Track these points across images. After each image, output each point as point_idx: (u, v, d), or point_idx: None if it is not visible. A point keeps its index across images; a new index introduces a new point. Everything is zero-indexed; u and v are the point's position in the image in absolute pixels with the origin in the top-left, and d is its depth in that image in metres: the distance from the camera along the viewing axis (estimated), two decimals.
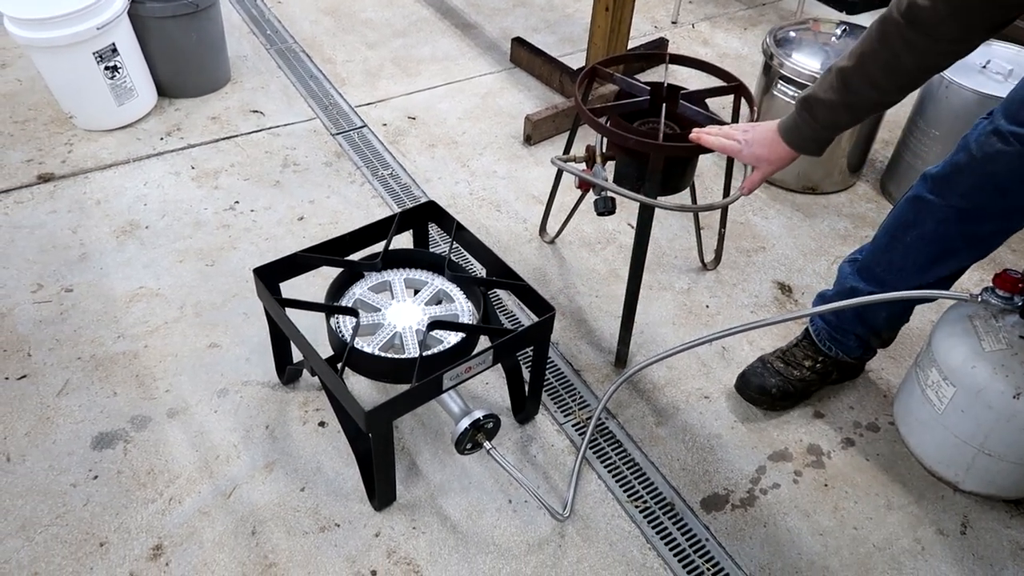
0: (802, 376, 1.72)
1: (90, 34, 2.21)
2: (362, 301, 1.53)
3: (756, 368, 1.75)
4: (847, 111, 1.28)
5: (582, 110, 1.60)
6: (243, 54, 2.84)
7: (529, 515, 1.51)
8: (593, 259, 2.10)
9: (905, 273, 1.54)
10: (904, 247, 1.52)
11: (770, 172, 1.42)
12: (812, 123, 1.31)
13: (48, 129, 2.42)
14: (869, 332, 1.68)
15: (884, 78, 1.21)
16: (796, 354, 1.74)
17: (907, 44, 1.14)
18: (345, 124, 2.54)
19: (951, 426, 1.52)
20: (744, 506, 1.56)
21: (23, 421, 1.62)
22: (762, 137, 1.39)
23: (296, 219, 2.16)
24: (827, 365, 1.73)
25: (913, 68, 1.18)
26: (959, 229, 1.45)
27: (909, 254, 1.52)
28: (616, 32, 2.44)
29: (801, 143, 1.35)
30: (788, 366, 1.73)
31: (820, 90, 1.29)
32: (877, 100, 1.26)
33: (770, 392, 1.71)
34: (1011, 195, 1.37)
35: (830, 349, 1.72)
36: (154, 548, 1.42)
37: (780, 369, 1.73)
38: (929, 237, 1.48)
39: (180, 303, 1.89)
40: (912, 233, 1.50)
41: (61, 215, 2.12)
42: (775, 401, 1.72)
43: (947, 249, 1.49)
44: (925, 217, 1.48)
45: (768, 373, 1.73)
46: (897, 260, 1.55)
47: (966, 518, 1.56)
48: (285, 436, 1.62)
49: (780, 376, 1.72)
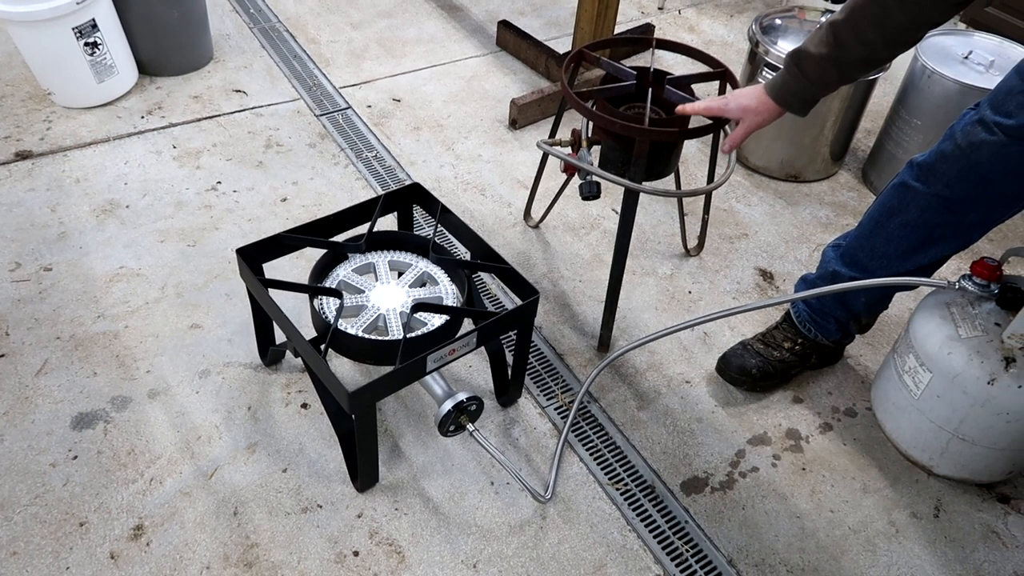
0: (782, 357, 1.74)
1: (69, 9, 2.17)
2: (346, 283, 1.53)
3: (737, 350, 1.77)
4: (835, 67, 1.29)
5: (568, 93, 1.60)
6: (226, 32, 2.80)
7: (511, 497, 1.52)
8: (577, 244, 2.11)
9: (887, 260, 1.56)
10: (887, 233, 1.54)
11: (755, 125, 1.43)
12: (800, 78, 1.32)
13: (26, 106, 2.38)
14: (849, 316, 1.70)
15: (873, 32, 1.22)
16: (776, 336, 1.77)
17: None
18: (329, 105, 2.52)
19: (927, 411, 1.55)
20: (723, 489, 1.58)
21: (2, 401, 1.60)
22: (748, 91, 1.41)
23: (279, 200, 2.15)
24: (806, 347, 1.75)
25: (905, 22, 1.19)
26: (943, 218, 1.47)
27: (892, 240, 1.54)
28: (603, 17, 2.43)
29: (788, 99, 1.36)
30: (768, 347, 1.75)
31: (811, 44, 1.29)
32: (866, 56, 1.27)
33: (750, 372, 1.73)
34: (994, 185, 1.39)
35: (809, 331, 1.74)
36: (135, 528, 1.42)
37: (760, 350, 1.75)
38: (913, 224, 1.50)
39: (161, 283, 1.88)
40: (896, 220, 1.52)
41: (39, 193, 2.09)
42: (755, 382, 1.74)
43: (929, 237, 1.50)
44: (909, 204, 1.49)
45: (748, 354, 1.75)
46: (880, 246, 1.56)
47: (939, 501, 1.59)
48: (267, 417, 1.62)
49: (760, 357, 1.74)
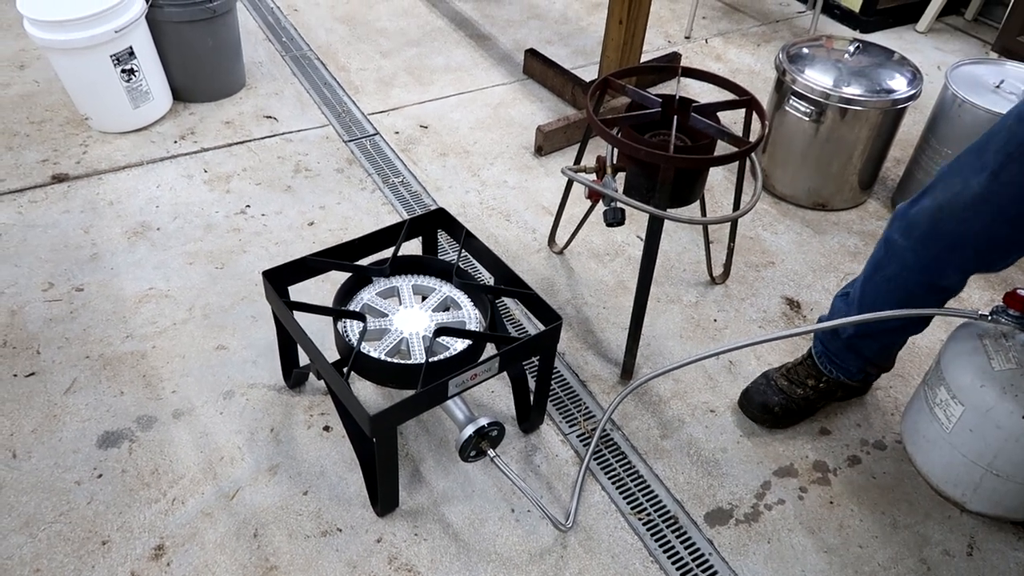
0: (805, 395, 1.71)
1: (108, 37, 2.23)
2: (370, 306, 1.53)
3: (759, 385, 1.74)
4: None
5: (593, 120, 1.60)
6: (258, 60, 2.86)
7: (532, 525, 1.51)
8: (601, 270, 2.10)
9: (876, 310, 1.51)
10: (875, 287, 1.53)
11: None
12: None
13: (64, 130, 2.45)
14: (864, 362, 1.67)
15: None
16: (800, 372, 1.73)
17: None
18: (357, 131, 2.55)
19: (959, 445, 1.51)
20: (748, 521, 1.55)
21: (30, 418, 1.62)
22: None
23: (306, 224, 2.17)
24: (830, 384, 1.72)
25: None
26: (919, 275, 1.45)
27: (879, 295, 1.52)
28: (629, 45, 2.45)
29: None
30: (791, 384, 1.72)
31: None
32: None
33: (772, 410, 1.70)
34: (968, 248, 1.37)
35: (831, 372, 1.71)
36: (156, 548, 1.42)
37: (783, 387, 1.71)
38: (895, 280, 1.48)
39: (189, 305, 1.90)
40: (881, 274, 1.51)
41: (74, 215, 2.14)
42: (777, 419, 1.71)
43: (911, 296, 1.48)
44: (891, 259, 1.48)
45: (771, 391, 1.71)
46: (869, 299, 1.55)
47: (973, 539, 1.55)
48: (289, 440, 1.62)
49: (783, 395, 1.70)
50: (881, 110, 2.14)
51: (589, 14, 3.34)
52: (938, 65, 3.17)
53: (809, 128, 2.23)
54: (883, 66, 2.21)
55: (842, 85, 2.14)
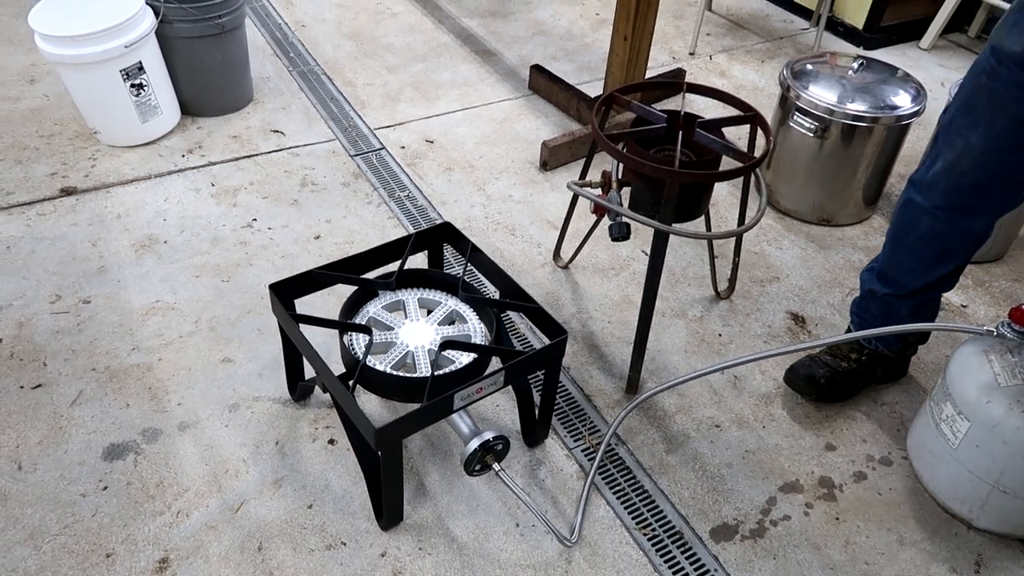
0: (849, 368, 1.77)
1: (118, 52, 2.25)
2: (375, 319, 1.54)
3: (804, 361, 1.80)
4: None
5: (598, 135, 1.61)
6: (266, 75, 2.89)
7: (536, 539, 1.50)
8: (606, 285, 2.10)
9: (916, 273, 1.64)
10: (911, 249, 1.62)
11: None
12: None
13: (73, 144, 2.46)
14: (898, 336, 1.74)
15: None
16: (842, 348, 1.80)
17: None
18: (364, 146, 2.57)
19: (965, 461, 1.50)
20: (754, 537, 1.54)
21: (36, 430, 1.63)
22: None
23: (312, 238, 2.18)
24: (871, 358, 1.79)
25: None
26: (950, 228, 1.55)
27: (916, 254, 1.62)
28: (634, 62, 2.47)
29: None
30: (835, 358, 1.78)
31: None
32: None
33: (818, 382, 1.75)
34: (987, 191, 1.49)
35: (869, 342, 1.78)
36: (160, 561, 1.42)
37: (828, 361, 1.78)
38: (928, 236, 1.58)
39: (195, 317, 1.91)
40: (913, 235, 1.60)
41: (82, 228, 2.15)
42: (823, 392, 1.76)
43: (945, 248, 1.59)
44: (919, 219, 1.57)
45: (816, 365, 1.77)
46: (907, 261, 1.64)
47: (980, 556, 1.54)
48: (294, 453, 1.62)
49: (828, 367, 1.77)
50: (885, 126, 2.15)
51: (594, 30, 3.37)
52: (942, 82, 3.18)
53: (813, 144, 2.24)
54: (887, 83, 2.22)
55: (846, 101, 2.15)
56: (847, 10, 3.45)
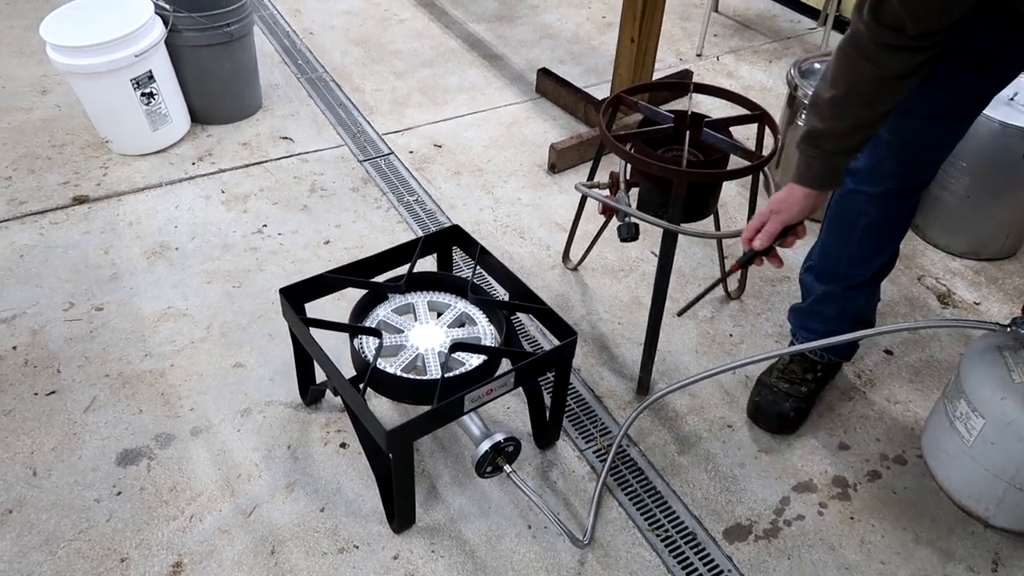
0: (809, 390, 1.75)
1: (128, 61, 2.27)
2: (385, 323, 1.54)
3: (766, 396, 1.74)
4: (853, 135, 1.28)
5: (606, 136, 1.61)
6: (275, 82, 2.90)
7: (549, 541, 1.50)
8: (616, 286, 2.10)
9: (864, 262, 1.62)
10: (858, 238, 1.60)
11: (792, 215, 1.37)
12: (825, 156, 1.31)
13: (84, 153, 2.49)
14: (856, 325, 1.69)
15: (857, 97, 1.23)
16: (795, 370, 1.76)
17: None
18: (372, 151, 2.58)
19: (980, 459, 1.49)
20: (768, 537, 1.54)
21: (50, 436, 1.64)
22: (778, 195, 1.40)
23: (322, 243, 2.19)
24: (825, 371, 1.78)
25: (872, 75, 1.20)
26: (898, 211, 1.55)
27: (864, 243, 1.59)
28: (641, 64, 2.47)
29: (821, 179, 1.34)
30: (793, 384, 1.74)
31: (819, 121, 1.28)
32: (874, 118, 1.27)
33: (789, 417, 1.72)
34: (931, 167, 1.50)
35: (823, 357, 1.76)
36: (174, 565, 1.43)
37: (787, 390, 1.73)
38: (877, 222, 1.56)
39: (207, 323, 1.92)
40: (861, 222, 1.57)
41: (94, 236, 2.17)
42: (795, 425, 1.73)
43: (893, 231, 1.60)
44: (867, 205, 1.54)
45: (780, 398, 1.73)
46: (854, 252, 1.62)
47: (997, 555, 1.52)
48: (306, 456, 1.63)
49: (792, 398, 1.73)
50: None
51: (601, 33, 3.37)
52: None
53: None
54: None
55: None
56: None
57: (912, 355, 1.94)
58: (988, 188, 2.13)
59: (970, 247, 2.25)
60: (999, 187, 2.13)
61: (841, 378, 1.86)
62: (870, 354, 1.93)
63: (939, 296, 2.12)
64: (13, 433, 1.64)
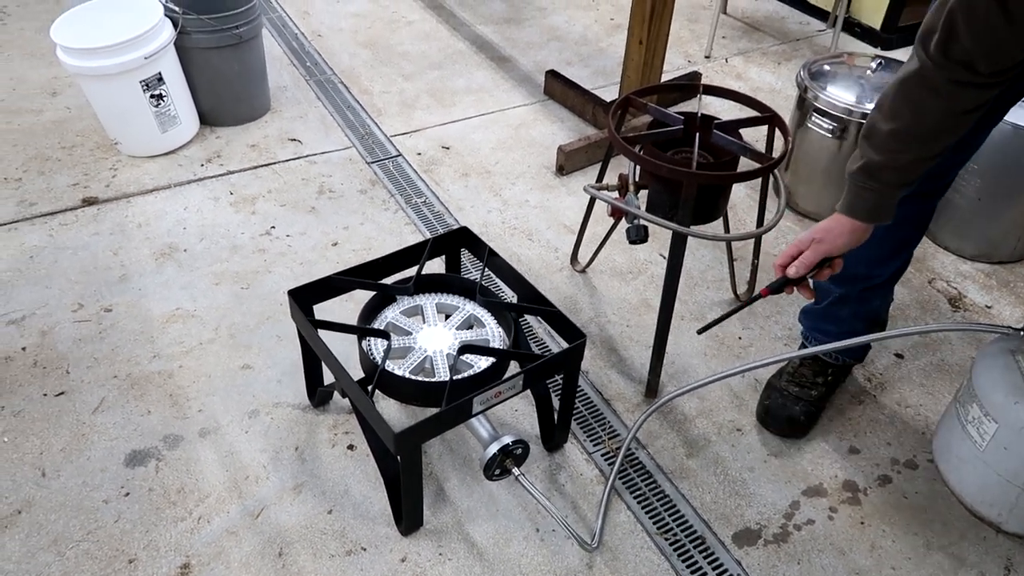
0: (820, 394, 1.74)
1: (138, 63, 2.28)
2: (394, 324, 1.54)
3: (776, 399, 1.73)
4: (915, 165, 1.25)
5: (615, 138, 1.61)
6: (283, 85, 2.91)
7: (557, 544, 1.49)
8: (624, 288, 2.09)
9: (881, 262, 1.60)
10: (878, 241, 1.53)
11: (824, 251, 1.33)
12: (883, 189, 1.27)
13: (94, 155, 2.49)
14: (871, 326, 1.70)
15: (921, 129, 1.20)
16: (805, 373, 1.75)
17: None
18: (380, 153, 2.58)
19: (993, 464, 1.48)
20: (777, 542, 1.52)
21: (59, 437, 1.64)
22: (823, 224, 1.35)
23: (330, 245, 2.19)
24: (836, 374, 1.77)
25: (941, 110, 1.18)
26: (920, 210, 1.53)
27: (882, 244, 1.53)
28: (649, 65, 2.46)
29: (878, 212, 1.30)
30: (804, 388, 1.74)
31: (876, 153, 1.25)
32: (935, 152, 1.25)
33: (799, 420, 1.71)
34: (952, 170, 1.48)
35: (837, 359, 1.75)
36: (182, 567, 1.43)
37: (797, 393, 1.73)
38: (897, 224, 1.50)
39: (215, 325, 1.92)
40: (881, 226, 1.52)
41: (103, 237, 2.17)
42: (805, 428, 1.72)
43: (913, 234, 1.59)
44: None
45: (789, 401, 1.72)
46: (872, 254, 1.56)
47: (1010, 561, 1.51)
48: (314, 458, 1.63)
49: (802, 402, 1.72)
50: None
51: (609, 35, 3.37)
52: None
53: (832, 145, 2.22)
54: None
55: (865, 101, 2.13)
56: (864, 11, 3.42)
57: (923, 359, 1.92)
58: (1000, 191, 2.12)
59: (982, 250, 2.24)
60: (1011, 190, 2.12)
61: (851, 382, 1.85)
62: (880, 358, 1.92)
63: (950, 299, 2.11)
64: (22, 434, 1.65)
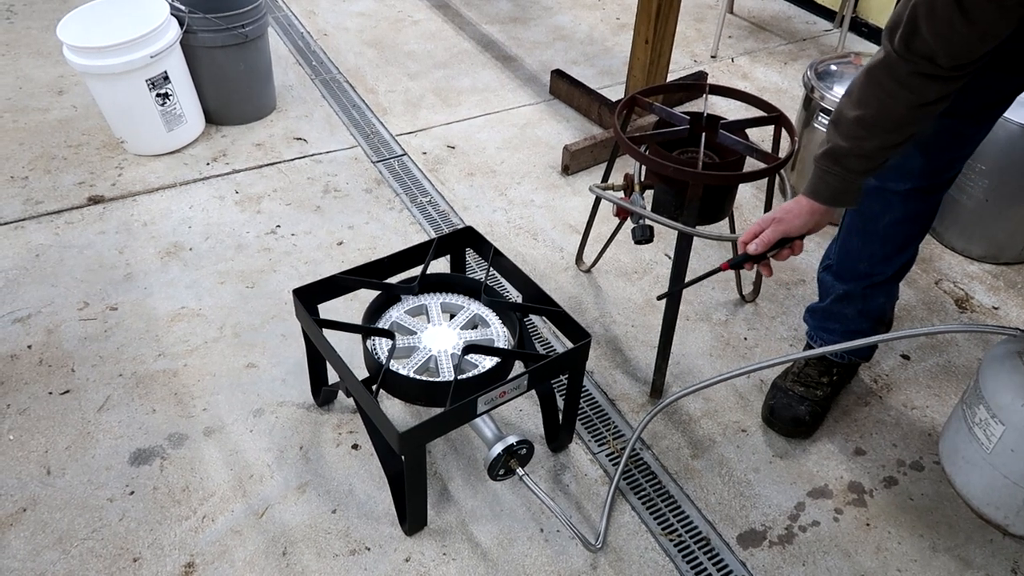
0: (825, 394, 1.73)
1: (144, 62, 2.28)
2: (398, 324, 1.54)
3: (780, 399, 1.73)
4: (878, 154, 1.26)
5: (620, 137, 1.60)
6: (289, 84, 2.91)
7: (561, 545, 1.49)
8: (630, 288, 2.09)
9: (887, 260, 1.61)
10: (882, 236, 1.57)
11: (782, 231, 1.34)
12: (845, 175, 1.28)
13: (100, 153, 2.50)
14: (876, 324, 1.70)
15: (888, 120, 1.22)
16: (811, 373, 1.75)
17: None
18: (386, 152, 2.58)
19: (1000, 466, 1.47)
20: (782, 543, 1.52)
21: (64, 435, 1.65)
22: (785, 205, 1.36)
23: (335, 244, 2.19)
24: (842, 373, 1.76)
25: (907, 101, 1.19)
26: (927, 205, 1.54)
27: (888, 240, 1.57)
28: (655, 65, 2.45)
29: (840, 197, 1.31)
30: (809, 388, 1.73)
31: (843, 139, 1.26)
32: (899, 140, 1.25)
33: (804, 420, 1.70)
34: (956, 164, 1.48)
35: (843, 358, 1.75)
36: (186, 566, 1.43)
37: (803, 393, 1.72)
38: (901, 219, 1.54)
39: (220, 324, 1.92)
40: (884, 221, 1.55)
41: (109, 236, 2.18)
42: (809, 428, 1.71)
43: (917, 229, 1.58)
44: (893, 203, 1.52)
45: (794, 401, 1.71)
46: (877, 250, 1.59)
47: (1016, 564, 1.50)
48: (318, 458, 1.63)
49: (807, 401, 1.71)
50: None
51: (614, 35, 3.36)
52: None
53: None
54: None
55: None
56: (871, 10, 3.41)
57: (929, 360, 1.92)
58: (1007, 191, 2.11)
59: (988, 251, 2.22)
60: (1018, 191, 2.10)
61: (857, 383, 1.84)
62: (886, 359, 1.91)
63: (957, 301, 2.10)
64: (27, 432, 1.65)
